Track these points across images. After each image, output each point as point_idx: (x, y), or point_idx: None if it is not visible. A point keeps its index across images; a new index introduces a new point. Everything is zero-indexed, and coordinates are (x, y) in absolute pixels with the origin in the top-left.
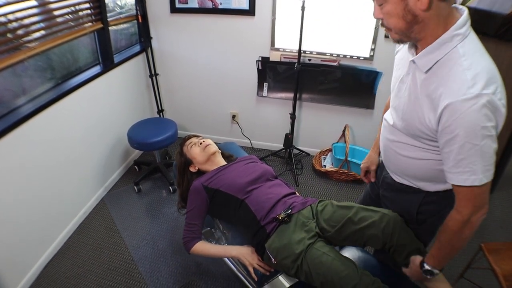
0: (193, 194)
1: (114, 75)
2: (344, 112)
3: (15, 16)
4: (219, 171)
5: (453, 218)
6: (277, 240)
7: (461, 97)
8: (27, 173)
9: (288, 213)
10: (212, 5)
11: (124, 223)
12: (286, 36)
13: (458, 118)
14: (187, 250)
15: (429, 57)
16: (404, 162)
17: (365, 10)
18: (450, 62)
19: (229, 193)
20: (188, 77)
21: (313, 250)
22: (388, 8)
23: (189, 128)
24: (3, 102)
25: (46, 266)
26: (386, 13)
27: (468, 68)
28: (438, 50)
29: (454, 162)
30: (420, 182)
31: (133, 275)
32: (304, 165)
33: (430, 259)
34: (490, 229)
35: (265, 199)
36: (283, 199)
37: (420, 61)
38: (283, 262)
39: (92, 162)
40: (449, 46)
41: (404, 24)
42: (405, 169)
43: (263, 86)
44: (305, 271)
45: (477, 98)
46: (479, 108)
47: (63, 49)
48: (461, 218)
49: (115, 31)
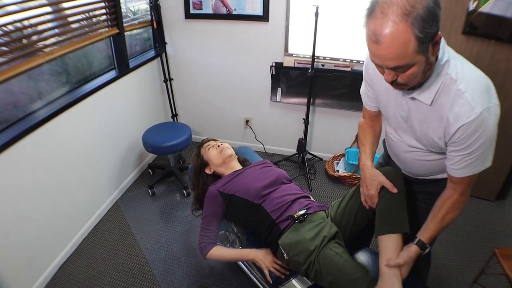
0: (209, 199)
1: (129, 80)
2: (357, 117)
3: (30, 22)
4: (234, 176)
5: (459, 201)
6: (291, 237)
7: (469, 119)
8: (43, 176)
9: (304, 211)
10: (226, 11)
11: (138, 226)
12: (299, 42)
13: (468, 135)
14: (203, 255)
15: (429, 91)
16: (422, 164)
17: None
18: (448, 89)
19: (246, 198)
20: (202, 82)
21: (327, 249)
22: (413, 69)
23: (203, 132)
24: (20, 106)
25: (61, 267)
26: (410, 75)
27: (465, 90)
28: (435, 81)
29: (462, 164)
30: (439, 174)
31: (147, 277)
32: (317, 170)
33: (425, 237)
34: (503, 234)
35: (281, 200)
36: (299, 199)
37: (421, 97)
38: (295, 259)
39: (107, 165)
40: (442, 75)
41: (423, 75)
42: (423, 169)
43: (277, 91)
44: (316, 269)
45: (481, 115)
46: (485, 122)
47: (79, 54)
48: (465, 199)
49: (130, 36)
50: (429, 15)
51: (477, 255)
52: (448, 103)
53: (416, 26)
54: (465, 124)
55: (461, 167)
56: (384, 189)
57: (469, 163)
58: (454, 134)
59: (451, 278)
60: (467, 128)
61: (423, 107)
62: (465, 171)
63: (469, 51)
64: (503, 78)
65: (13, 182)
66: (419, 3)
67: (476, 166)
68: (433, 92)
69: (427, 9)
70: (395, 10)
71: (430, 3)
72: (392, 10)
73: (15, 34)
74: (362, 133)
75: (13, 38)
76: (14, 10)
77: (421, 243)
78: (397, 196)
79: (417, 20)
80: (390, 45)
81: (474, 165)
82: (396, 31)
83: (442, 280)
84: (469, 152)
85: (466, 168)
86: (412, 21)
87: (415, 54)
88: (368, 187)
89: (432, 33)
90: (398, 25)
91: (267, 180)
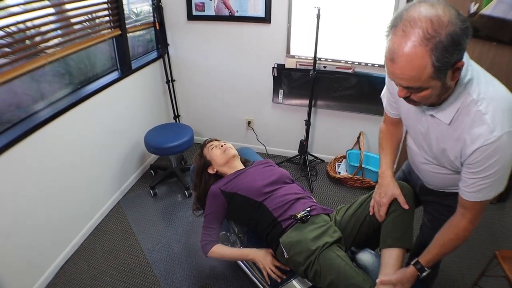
0: (211, 198)
1: (132, 81)
2: (358, 119)
3: (33, 23)
4: (237, 175)
5: (466, 228)
6: (292, 236)
7: (487, 142)
8: (45, 176)
9: (308, 212)
10: (228, 12)
11: (139, 226)
12: (301, 44)
13: (484, 158)
14: (205, 253)
15: (449, 110)
16: (438, 177)
17: (379, 17)
18: (469, 109)
19: (247, 196)
20: (204, 83)
21: (329, 251)
22: (426, 92)
23: (205, 133)
24: (23, 107)
25: (62, 267)
26: (423, 96)
27: (485, 112)
28: (456, 101)
29: (475, 188)
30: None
31: (148, 277)
32: (319, 171)
33: (426, 259)
34: (504, 236)
35: (283, 199)
36: (302, 199)
37: (441, 115)
38: (295, 258)
39: (109, 166)
40: (463, 95)
41: (438, 97)
42: (441, 183)
43: (279, 93)
44: (315, 269)
45: (500, 139)
46: (505, 146)
47: (81, 55)
48: (472, 227)
49: (133, 38)
50: (452, 43)
51: (478, 257)
52: (467, 124)
53: (435, 53)
54: (482, 146)
55: (473, 191)
56: (395, 203)
57: (482, 188)
58: (470, 155)
59: (452, 280)
60: (484, 151)
61: (442, 125)
62: (478, 195)
63: (470, 54)
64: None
65: (15, 182)
66: (444, 29)
67: (490, 192)
68: (453, 111)
69: (450, 36)
70: (416, 33)
71: (457, 29)
72: (414, 32)
73: (18, 35)
74: (383, 139)
75: (16, 39)
76: (17, 12)
77: (419, 265)
78: (407, 212)
79: (438, 47)
80: (404, 66)
81: (488, 191)
82: (413, 54)
83: (443, 282)
84: (484, 176)
85: (479, 193)
86: (432, 47)
87: (430, 79)
88: (382, 195)
89: (452, 62)
90: (416, 49)
91: (269, 178)
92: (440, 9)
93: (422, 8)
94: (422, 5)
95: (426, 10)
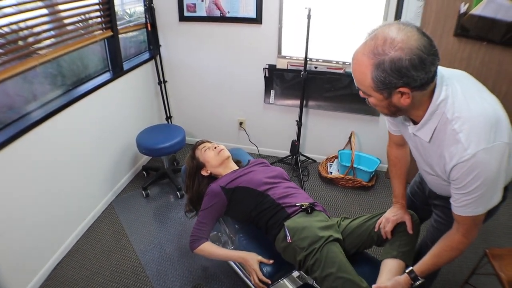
0: (210, 196)
1: (124, 82)
2: (350, 119)
3: (26, 24)
4: (238, 173)
5: (460, 242)
6: (299, 221)
7: (461, 160)
8: (37, 177)
9: (313, 204)
10: (220, 13)
11: (132, 227)
12: (292, 44)
13: (463, 175)
14: (192, 248)
15: (426, 128)
16: (439, 184)
17: (370, 18)
18: (445, 128)
19: (250, 187)
20: (196, 84)
21: (333, 245)
22: (372, 100)
23: (197, 134)
24: (15, 108)
25: (55, 268)
26: (371, 103)
27: (459, 130)
28: (431, 120)
29: (461, 203)
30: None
31: (140, 278)
32: (311, 171)
33: (420, 269)
34: (495, 235)
35: (286, 190)
36: (303, 194)
37: (420, 133)
38: (298, 243)
39: (101, 167)
40: (438, 114)
41: (389, 112)
42: (444, 189)
43: (270, 94)
44: (317, 258)
45: (475, 156)
46: (482, 163)
47: (74, 56)
48: (467, 241)
49: (125, 39)
50: (392, 68)
51: (469, 255)
52: (445, 142)
53: (375, 69)
54: (458, 164)
55: (460, 206)
56: (404, 225)
57: (468, 203)
58: (451, 172)
59: (443, 279)
60: (461, 168)
61: (424, 143)
62: (465, 210)
63: (460, 53)
64: (494, 80)
65: (7, 183)
66: (391, 52)
67: (477, 207)
68: (431, 129)
69: (393, 62)
70: (370, 45)
71: (404, 58)
72: (370, 43)
73: (10, 36)
74: (392, 166)
75: (9, 40)
76: (11, 13)
77: (413, 274)
78: (412, 236)
79: (379, 65)
80: (355, 68)
81: (474, 206)
82: (360, 60)
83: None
84: (466, 192)
85: (466, 208)
86: (375, 62)
87: (370, 89)
88: (393, 214)
89: (392, 84)
90: (363, 57)
91: (270, 174)
92: (403, 35)
93: (392, 28)
94: (394, 25)
95: (391, 31)
